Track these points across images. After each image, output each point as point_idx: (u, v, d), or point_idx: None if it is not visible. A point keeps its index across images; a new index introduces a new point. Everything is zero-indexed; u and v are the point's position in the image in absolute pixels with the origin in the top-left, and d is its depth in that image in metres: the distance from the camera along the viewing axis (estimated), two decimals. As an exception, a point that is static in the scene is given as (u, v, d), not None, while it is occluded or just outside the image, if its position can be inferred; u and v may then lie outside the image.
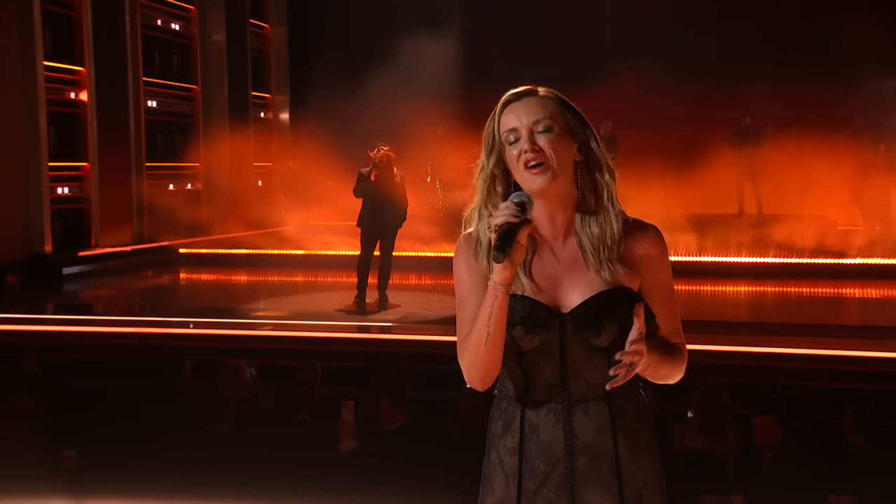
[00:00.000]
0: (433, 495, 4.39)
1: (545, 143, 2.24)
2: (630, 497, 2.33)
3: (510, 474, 2.36)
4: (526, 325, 2.27)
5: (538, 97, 2.30)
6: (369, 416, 6.02)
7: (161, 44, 15.57)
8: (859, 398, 6.79)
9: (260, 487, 4.82)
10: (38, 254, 12.46)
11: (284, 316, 9.86)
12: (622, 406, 2.33)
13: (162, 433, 5.74)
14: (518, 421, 2.35)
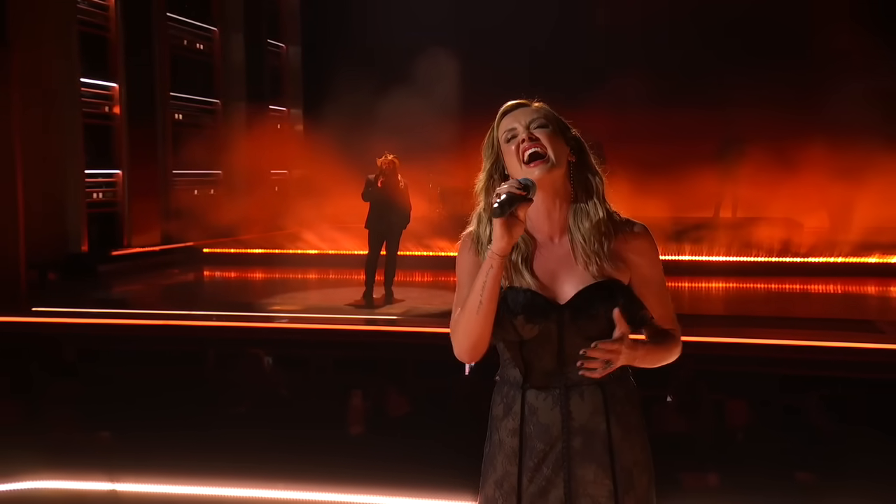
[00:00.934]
0: (436, 473, 4.38)
1: (542, 136, 2.28)
2: (621, 474, 2.34)
3: (511, 453, 2.37)
4: (526, 315, 2.27)
5: (533, 106, 2.35)
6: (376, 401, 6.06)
7: (186, 62, 15.59)
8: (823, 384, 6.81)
9: (275, 465, 4.80)
10: (75, 253, 12.52)
11: (298, 310, 9.85)
12: (614, 390, 2.34)
13: (187, 416, 5.74)
14: (518, 404, 2.36)
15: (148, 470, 4.85)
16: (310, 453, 5.02)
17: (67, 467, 4.89)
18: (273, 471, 4.79)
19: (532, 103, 2.38)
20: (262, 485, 4.75)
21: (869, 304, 10.81)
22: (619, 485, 2.33)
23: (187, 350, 8.04)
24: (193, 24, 15.75)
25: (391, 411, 5.84)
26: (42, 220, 11.69)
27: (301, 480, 4.73)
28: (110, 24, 13.47)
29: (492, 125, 2.37)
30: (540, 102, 2.38)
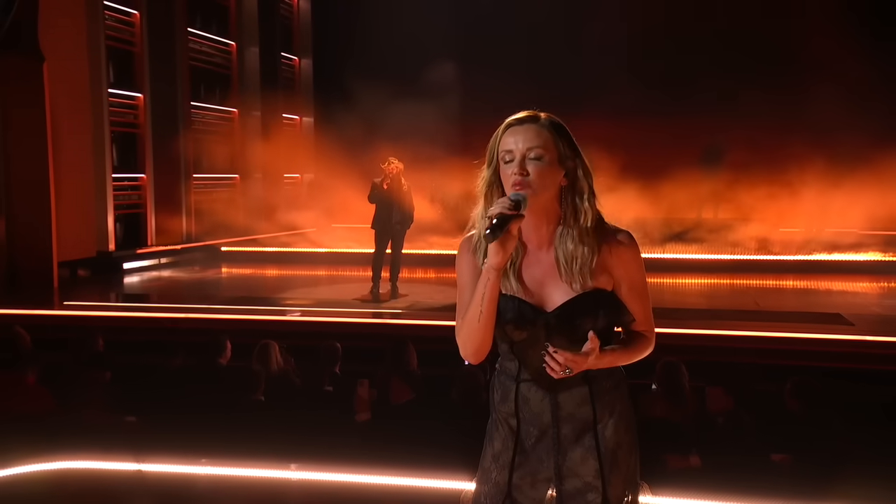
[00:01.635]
0: (437, 454, 4.37)
1: (533, 170, 2.22)
2: (606, 455, 2.34)
3: (508, 433, 2.39)
4: (515, 323, 2.29)
5: (537, 125, 2.26)
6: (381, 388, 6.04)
7: (205, 74, 15.58)
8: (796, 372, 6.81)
9: (289, 447, 4.81)
10: (103, 251, 12.52)
11: (310, 304, 9.84)
12: (601, 382, 2.35)
13: (206, 403, 5.69)
14: (513, 393, 2.38)
15: (171, 451, 4.86)
16: (319, 435, 5.03)
17: (96, 449, 4.89)
18: (286, 452, 4.80)
19: (539, 116, 2.31)
20: (276, 465, 4.76)
21: (838, 298, 10.80)
22: (604, 464, 2.34)
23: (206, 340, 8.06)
24: (213, 38, 15.75)
25: (394, 398, 5.83)
26: (73, 221, 11.70)
27: (312, 461, 4.74)
28: (136, 40, 13.46)
29: (497, 131, 2.32)
30: (547, 116, 2.32)
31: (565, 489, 2.34)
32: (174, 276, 12.74)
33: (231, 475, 4.74)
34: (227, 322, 8.58)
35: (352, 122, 15.10)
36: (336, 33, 18.21)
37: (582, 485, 2.34)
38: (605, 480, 2.33)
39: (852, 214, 13.60)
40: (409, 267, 10.98)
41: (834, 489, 4.27)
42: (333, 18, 18.34)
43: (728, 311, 9.65)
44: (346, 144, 14.98)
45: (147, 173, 13.80)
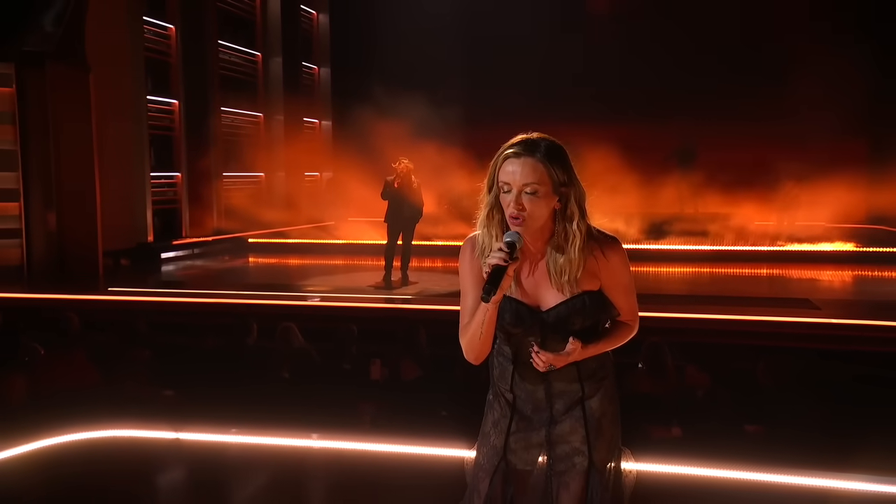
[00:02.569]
0: (442, 423, 4.44)
1: (528, 203, 2.21)
2: (591, 423, 2.37)
3: (506, 403, 2.42)
4: (513, 322, 2.32)
5: (533, 160, 2.20)
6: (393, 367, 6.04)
7: (234, 82, 15.57)
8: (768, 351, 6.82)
9: (309, 417, 4.84)
10: (143, 243, 12.53)
11: (328, 290, 9.76)
12: (588, 363, 2.37)
13: (235, 378, 5.72)
14: (509, 373, 2.41)
15: (205, 421, 4.89)
16: (337, 407, 5.07)
17: (138, 419, 4.93)
18: (306, 422, 4.82)
19: (537, 145, 2.23)
20: (299, 434, 4.76)
21: (806, 285, 10.79)
22: (591, 432, 2.37)
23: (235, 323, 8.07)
24: (240, 49, 15.74)
25: (405, 375, 5.84)
26: (115, 215, 11.70)
27: (330, 431, 4.75)
28: (172, 51, 13.46)
29: (496, 156, 2.27)
30: (543, 141, 2.25)
31: (556, 453, 2.38)
32: (206, 265, 12.74)
33: (258, 443, 4.75)
34: (253, 306, 8.56)
35: (366, 125, 15.08)
36: (352, 44, 18.19)
37: (571, 449, 2.37)
38: (591, 446, 2.36)
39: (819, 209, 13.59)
40: (418, 257, 10.95)
41: (801, 456, 4.29)
42: (350, 30, 18.31)
43: (707, 296, 9.63)
44: (361, 145, 14.95)
45: (181, 172, 13.82)
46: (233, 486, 4.36)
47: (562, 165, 2.23)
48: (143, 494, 4.29)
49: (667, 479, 4.19)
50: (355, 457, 4.58)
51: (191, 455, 4.69)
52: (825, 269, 11.78)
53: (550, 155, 2.22)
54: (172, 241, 13.20)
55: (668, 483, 4.16)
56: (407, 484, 4.22)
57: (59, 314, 7.40)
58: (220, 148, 14.64)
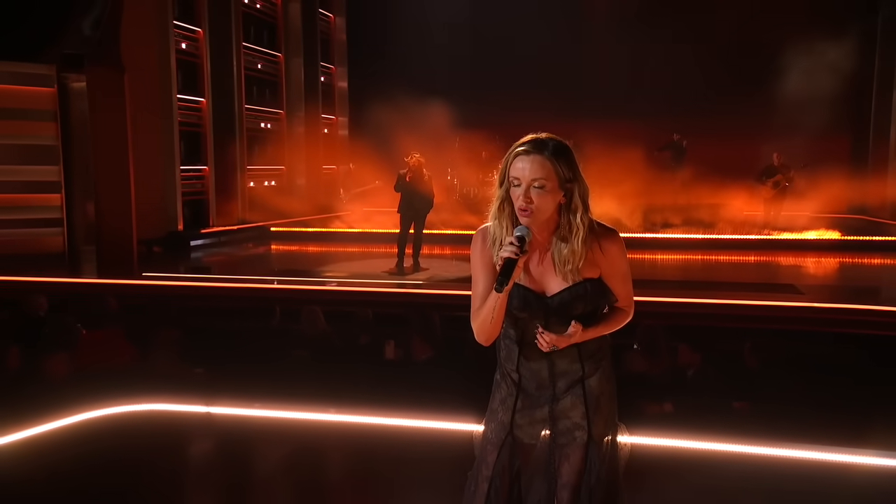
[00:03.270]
0: (452, 400, 4.40)
1: (535, 196, 2.24)
2: (591, 400, 2.40)
3: (512, 382, 2.44)
4: (520, 307, 2.35)
5: (542, 157, 2.24)
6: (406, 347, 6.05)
7: (257, 81, 15.57)
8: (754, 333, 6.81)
9: (329, 393, 4.87)
10: (173, 231, 12.56)
11: (345, 276, 9.75)
12: (588, 345, 2.40)
13: (261, 358, 5.78)
14: (515, 354, 2.43)
15: (233, 396, 4.91)
16: (353, 384, 5.06)
17: (172, 394, 4.97)
18: (326, 397, 4.84)
19: (547, 144, 2.26)
20: (318, 409, 4.79)
21: (791, 271, 10.76)
22: (590, 409, 2.40)
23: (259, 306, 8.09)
24: (263, 51, 15.72)
25: (417, 355, 5.85)
26: (148, 206, 11.74)
27: (348, 406, 4.78)
28: (200, 52, 13.45)
29: (508, 153, 2.29)
30: (552, 140, 2.28)
31: (558, 428, 2.41)
32: (231, 252, 12.74)
33: (281, 417, 4.78)
34: (276, 291, 8.58)
35: (380, 121, 15.08)
36: (367, 45, 18.15)
37: (571, 424, 2.40)
38: (591, 421, 2.39)
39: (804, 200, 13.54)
40: (429, 245, 10.93)
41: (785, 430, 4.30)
42: (365, 32, 18.27)
43: (698, 282, 9.62)
44: (375, 140, 14.97)
45: (209, 165, 13.84)
46: (258, 457, 4.37)
47: (567, 163, 2.26)
48: (177, 464, 4.31)
49: (659, 452, 4.21)
50: (369, 430, 4.60)
51: (220, 428, 4.71)
52: (809, 257, 11.75)
53: (557, 153, 2.25)
54: (201, 229, 13.21)
55: (661, 455, 4.18)
56: (419, 456, 4.23)
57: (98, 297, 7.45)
58: (245, 143, 14.64)
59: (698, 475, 4.00)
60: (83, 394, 4.80)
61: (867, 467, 4.09)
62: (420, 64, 16.22)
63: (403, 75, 15.82)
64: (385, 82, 15.71)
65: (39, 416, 4.53)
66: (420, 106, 14.67)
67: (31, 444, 4.35)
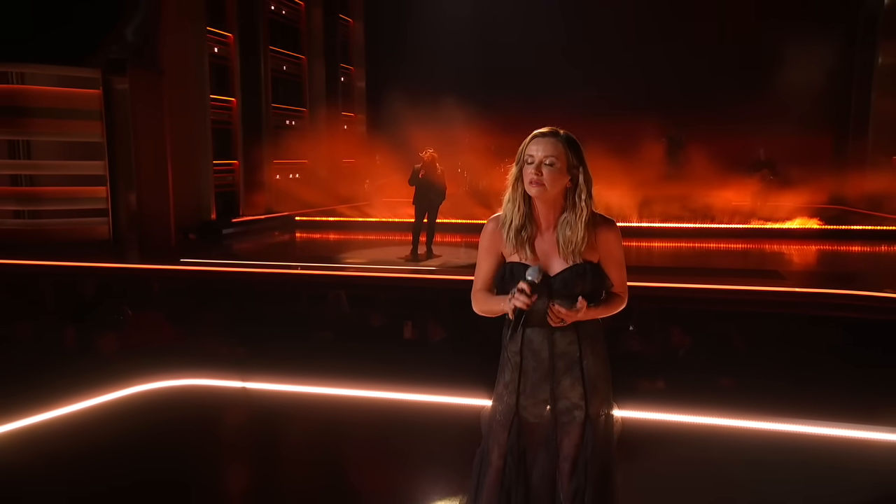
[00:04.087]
0: (462, 376, 4.36)
1: (546, 172, 2.32)
2: (588, 382, 2.44)
3: (515, 366, 2.47)
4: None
5: (555, 139, 2.34)
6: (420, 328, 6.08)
7: (283, 82, 15.58)
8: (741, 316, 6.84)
9: (350, 371, 4.84)
10: (207, 220, 12.64)
11: (364, 262, 9.78)
12: (586, 327, 2.43)
13: (288, 338, 5.78)
14: (520, 336, 2.45)
15: (266, 373, 4.92)
16: (373, 361, 5.04)
17: (210, 370, 4.99)
18: (348, 374, 4.82)
19: (559, 132, 2.37)
20: (341, 385, 4.78)
21: (775, 258, 10.74)
22: (587, 390, 2.44)
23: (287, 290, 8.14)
24: (288, 53, 15.73)
25: (431, 335, 5.88)
26: (184, 197, 11.82)
27: (367, 382, 4.77)
28: (230, 55, 13.48)
29: (526, 138, 2.39)
30: (564, 131, 2.39)
31: (558, 407, 2.45)
32: (259, 240, 12.78)
33: (307, 392, 4.78)
34: (302, 276, 8.61)
35: (396, 118, 15.06)
36: (384, 47, 18.10)
37: (571, 404, 2.44)
38: (588, 402, 2.44)
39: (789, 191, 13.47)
40: (441, 234, 10.92)
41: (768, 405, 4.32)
42: (382, 35, 18.22)
43: (689, 268, 9.60)
44: (391, 136, 14.95)
45: (238, 160, 13.89)
46: (286, 428, 4.38)
47: (575, 152, 2.36)
48: (214, 435, 4.34)
49: (651, 425, 4.21)
50: (388, 404, 4.61)
51: (254, 401, 4.72)
52: (792, 245, 11.71)
53: (569, 141, 2.36)
54: (231, 219, 13.27)
55: (653, 428, 4.18)
56: (432, 428, 4.25)
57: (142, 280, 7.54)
58: (271, 139, 14.67)
59: (687, 447, 4.01)
60: (130, 370, 4.83)
61: (843, 439, 4.09)
62: (432, 64, 16.17)
63: (417, 75, 15.79)
64: (400, 81, 15.68)
65: (92, 390, 4.57)
66: (432, 103, 14.63)
67: (84, 416, 4.41)
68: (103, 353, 5.39)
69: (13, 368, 5.02)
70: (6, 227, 10.51)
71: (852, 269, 9.97)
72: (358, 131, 18.81)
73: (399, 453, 4.02)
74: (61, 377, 4.62)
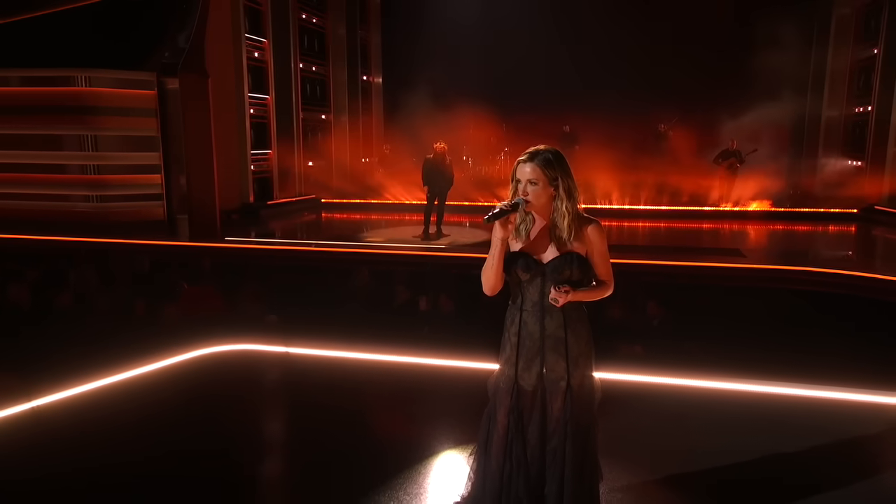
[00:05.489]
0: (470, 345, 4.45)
1: (531, 190, 2.46)
2: (571, 359, 2.55)
3: (513, 345, 2.58)
4: (523, 269, 2.50)
5: (533, 163, 2.45)
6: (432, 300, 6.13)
7: (310, 81, 15.47)
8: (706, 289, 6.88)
9: (373, 338, 4.90)
10: (246, 202, 12.59)
11: (382, 240, 9.76)
12: (570, 312, 2.53)
13: (319, 309, 5.79)
14: (518, 318, 2.56)
15: (300, 337, 4.96)
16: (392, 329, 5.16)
17: (254, 337, 5.03)
18: (371, 340, 4.88)
19: (538, 154, 2.47)
20: (365, 349, 4.82)
21: (737, 237, 10.73)
22: (570, 364, 2.54)
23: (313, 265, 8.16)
24: (315, 60, 15.61)
25: (442, 308, 5.94)
26: (227, 182, 11.80)
27: (385, 347, 4.81)
28: (266, 59, 13.36)
29: (517, 161, 2.50)
30: (545, 151, 2.47)
31: (547, 378, 2.57)
32: (291, 220, 12.77)
33: (336, 356, 4.83)
34: (330, 252, 8.62)
35: (409, 118, 14.99)
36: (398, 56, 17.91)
37: (556, 376, 2.56)
38: (570, 374, 2.55)
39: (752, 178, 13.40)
40: (449, 215, 10.87)
41: (728, 365, 4.37)
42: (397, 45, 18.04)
43: (663, 246, 9.62)
44: (405, 133, 14.90)
45: (272, 150, 13.84)
46: (323, 387, 4.41)
47: (552, 168, 2.46)
48: (261, 394, 4.40)
49: (630, 385, 4.30)
50: (406, 367, 4.66)
51: (295, 365, 4.77)
52: (752, 225, 11.70)
53: (545, 162, 2.45)
54: (267, 201, 13.25)
55: (631, 387, 4.26)
56: (445, 389, 4.31)
57: (194, 257, 7.58)
58: (301, 132, 14.62)
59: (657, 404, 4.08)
60: (190, 337, 4.88)
61: (794, 397, 4.15)
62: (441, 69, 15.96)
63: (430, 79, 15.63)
64: (414, 85, 15.57)
65: (159, 354, 4.65)
66: (441, 102, 14.54)
67: (156, 376, 4.49)
68: (166, 322, 5.45)
69: (91, 335, 5.09)
70: (78, 209, 10.58)
71: (804, 247, 9.98)
72: (375, 125, 18.70)
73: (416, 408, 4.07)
74: (132, 342, 4.70)
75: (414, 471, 3.32)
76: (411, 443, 3.61)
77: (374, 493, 3.13)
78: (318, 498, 3.14)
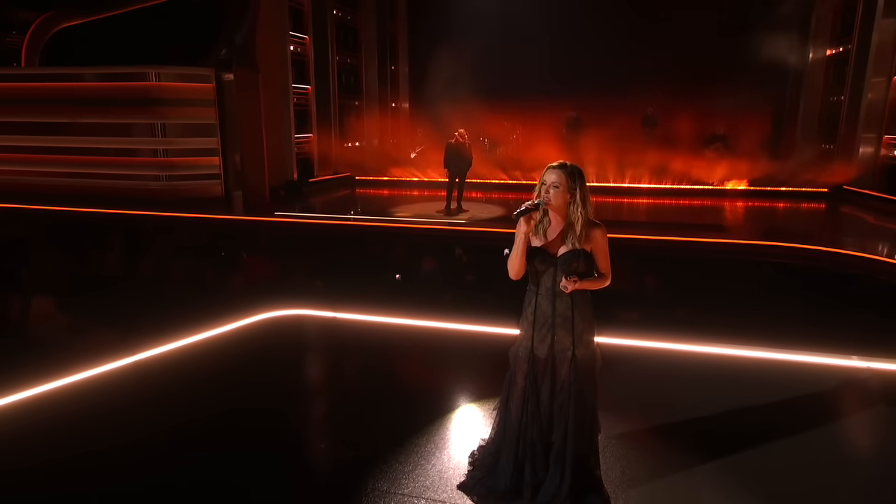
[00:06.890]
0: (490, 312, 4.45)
1: (552, 193, 2.56)
2: (576, 335, 2.65)
3: (529, 322, 2.70)
4: (540, 261, 2.61)
5: (559, 171, 2.57)
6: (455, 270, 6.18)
7: (346, 73, 15.33)
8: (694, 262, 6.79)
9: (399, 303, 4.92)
10: (290, 180, 12.56)
11: (409, 214, 9.67)
12: (577, 297, 2.63)
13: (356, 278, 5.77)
14: (534, 300, 2.67)
15: (344, 304, 4.97)
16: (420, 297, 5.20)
17: (304, 303, 5.04)
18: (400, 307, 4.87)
19: (565, 165, 2.59)
20: (396, 315, 4.82)
21: (720, 214, 10.57)
22: (575, 339, 2.66)
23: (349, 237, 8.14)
24: (349, 52, 15.42)
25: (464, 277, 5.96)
26: (275, 162, 11.83)
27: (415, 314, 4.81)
28: (307, 53, 13.25)
29: (544, 169, 2.60)
30: (570, 164, 2.59)
31: (556, 349, 2.69)
32: (330, 196, 12.75)
33: (374, 321, 4.84)
34: (363, 227, 8.55)
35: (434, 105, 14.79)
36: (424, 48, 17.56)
37: (564, 347, 2.68)
38: (575, 347, 2.67)
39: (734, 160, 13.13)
40: (469, 192, 10.81)
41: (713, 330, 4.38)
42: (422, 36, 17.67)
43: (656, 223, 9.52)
44: (430, 119, 14.74)
45: (313, 134, 13.81)
46: (364, 348, 4.46)
47: (573, 178, 2.58)
48: (311, 353, 4.48)
49: (629, 349, 4.33)
50: (434, 332, 4.67)
51: (341, 328, 4.80)
52: (735, 203, 11.53)
53: (570, 172, 2.57)
54: (309, 179, 13.24)
55: (630, 351, 4.30)
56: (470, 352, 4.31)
57: (250, 230, 7.59)
58: (337, 117, 14.55)
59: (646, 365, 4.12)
60: (252, 302, 4.91)
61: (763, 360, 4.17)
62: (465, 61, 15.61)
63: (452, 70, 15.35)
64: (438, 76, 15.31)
65: (227, 317, 4.72)
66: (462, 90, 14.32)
67: (220, 340, 4.55)
68: (227, 290, 5.51)
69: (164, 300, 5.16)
70: (151, 187, 10.71)
71: (781, 224, 9.84)
72: (403, 111, 18.52)
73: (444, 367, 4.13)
74: (202, 307, 4.78)
75: (444, 417, 3.43)
76: (443, 395, 3.71)
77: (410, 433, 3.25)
78: (361, 433, 3.27)
